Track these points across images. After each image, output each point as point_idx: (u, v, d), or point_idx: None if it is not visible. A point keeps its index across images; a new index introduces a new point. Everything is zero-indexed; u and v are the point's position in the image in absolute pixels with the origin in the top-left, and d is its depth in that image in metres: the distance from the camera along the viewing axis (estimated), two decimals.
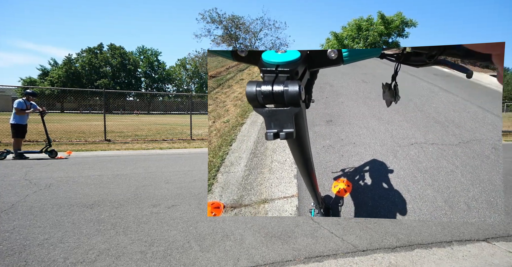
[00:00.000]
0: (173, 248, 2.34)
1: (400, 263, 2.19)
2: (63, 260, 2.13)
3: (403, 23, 24.15)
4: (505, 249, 2.44)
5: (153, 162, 6.25)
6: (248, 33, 33.87)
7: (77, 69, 54.17)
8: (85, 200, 3.51)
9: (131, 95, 55.63)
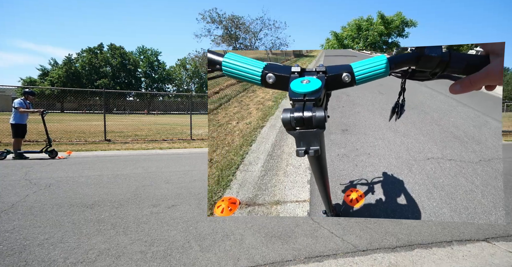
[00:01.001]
0: (173, 248, 2.34)
1: (400, 263, 2.19)
2: (63, 260, 2.13)
3: (403, 23, 24.15)
4: (505, 249, 2.44)
5: (153, 162, 6.25)
6: (248, 33, 33.88)
7: (77, 69, 54.19)
8: (85, 200, 3.51)
9: (131, 95, 55.63)
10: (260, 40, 35.06)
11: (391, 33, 24.64)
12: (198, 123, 16.29)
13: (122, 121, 20.74)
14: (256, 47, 34.28)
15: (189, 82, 67.56)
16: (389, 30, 24.18)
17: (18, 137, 6.44)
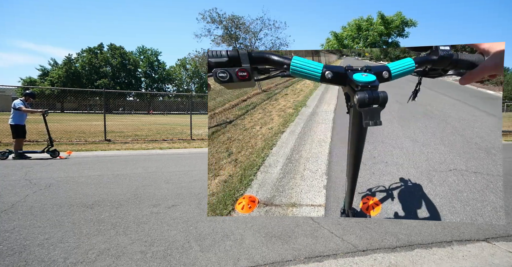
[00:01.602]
0: (173, 248, 2.34)
1: (400, 263, 2.19)
2: (63, 260, 2.13)
3: (403, 23, 24.15)
4: (505, 249, 2.44)
5: (153, 162, 6.25)
6: (248, 33, 33.86)
7: (77, 69, 54.19)
8: (85, 200, 3.51)
9: (131, 95, 55.62)
10: (260, 40, 35.04)
11: (391, 33, 24.63)
12: (198, 123, 16.29)
13: (122, 121, 20.74)
14: (256, 47, 34.28)
15: (189, 82, 67.57)
16: (389, 30, 24.17)
17: (18, 137, 6.45)
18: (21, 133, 6.50)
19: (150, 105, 51.66)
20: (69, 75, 52.60)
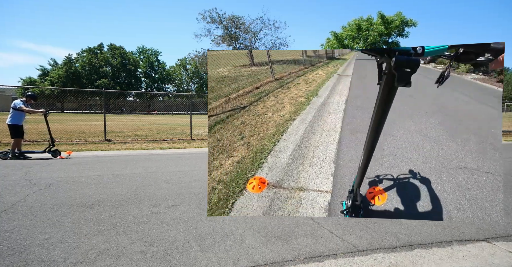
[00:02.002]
0: (173, 248, 2.34)
1: (400, 263, 2.19)
2: (63, 260, 2.13)
3: (403, 23, 24.12)
4: (505, 249, 2.44)
5: (153, 162, 6.25)
6: (248, 33, 33.87)
7: (77, 69, 54.18)
8: (85, 200, 3.51)
9: (131, 95, 55.62)
10: (260, 40, 35.08)
11: (391, 33, 24.61)
12: (198, 123, 16.29)
13: (122, 121, 20.74)
14: (256, 47, 34.28)
15: (189, 82, 67.54)
16: (389, 30, 24.14)
17: (16, 137, 6.42)
18: (19, 133, 6.48)
19: (150, 105, 51.65)
20: (69, 75, 52.58)
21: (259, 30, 34.08)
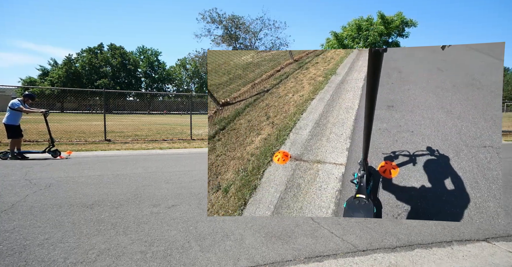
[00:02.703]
0: (173, 248, 2.34)
1: (400, 263, 2.19)
2: (63, 260, 2.13)
3: (403, 23, 24.11)
4: (505, 249, 2.44)
5: (153, 162, 6.25)
6: (248, 33, 33.88)
7: (77, 69, 54.17)
8: (85, 200, 3.51)
9: (131, 95, 55.61)
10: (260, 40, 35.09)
11: (391, 33, 24.60)
12: (198, 123, 16.29)
13: (122, 121, 20.74)
14: (256, 47, 34.28)
15: (189, 82, 67.54)
16: (389, 30, 24.12)
17: (13, 137, 6.34)
18: (16, 134, 6.40)
19: (150, 105, 51.65)
20: (69, 75, 52.58)
21: (259, 30, 34.09)
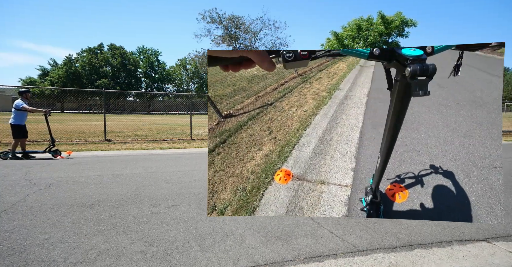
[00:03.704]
0: (173, 248, 2.34)
1: (400, 263, 2.19)
2: (63, 260, 2.13)
3: (403, 23, 24.13)
4: (505, 249, 2.44)
5: (153, 162, 6.25)
6: (248, 33, 33.90)
7: (77, 69, 54.15)
8: (85, 200, 3.51)
9: (131, 95, 55.61)
10: (260, 40, 35.11)
11: (391, 33, 24.62)
12: (198, 123, 16.29)
13: (122, 121, 20.73)
14: (256, 47, 34.29)
15: (189, 82, 67.53)
16: (389, 30, 24.16)
17: (18, 138, 6.45)
18: (22, 133, 6.51)
19: (150, 105, 51.64)
20: (69, 75, 52.56)
21: (259, 30, 34.11)
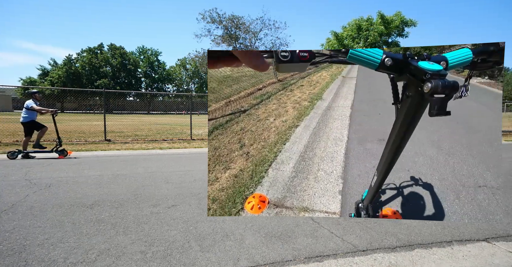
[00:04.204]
0: (173, 248, 2.34)
1: (400, 263, 2.19)
2: (63, 260, 2.13)
3: (403, 23, 24.14)
4: (505, 249, 2.44)
5: (153, 162, 6.25)
6: (248, 33, 33.89)
7: (77, 69, 54.13)
8: (85, 200, 3.51)
9: (131, 95, 55.60)
10: (260, 40, 35.10)
11: (391, 33, 24.63)
12: (198, 123, 16.29)
13: (122, 121, 20.73)
14: (256, 47, 34.29)
15: (189, 82, 67.52)
16: (389, 30, 24.16)
17: (29, 135, 6.78)
18: (33, 130, 6.83)
19: (150, 105, 51.63)
20: (69, 75, 52.53)
21: (259, 30, 34.11)
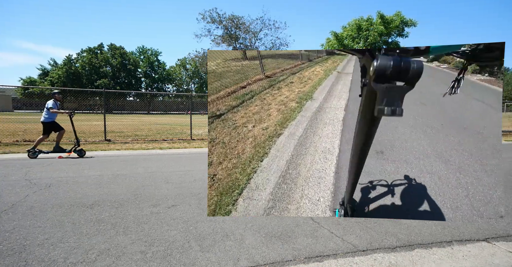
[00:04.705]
0: (173, 248, 2.34)
1: (400, 263, 2.19)
2: (63, 260, 2.13)
3: (402, 23, 24.14)
4: (505, 249, 2.44)
5: (153, 162, 6.25)
6: (248, 33, 33.90)
7: (77, 69, 54.13)
8: (85, 200, 3.51)
9: (131, 95, 55.60)
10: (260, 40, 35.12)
11: (391, 33, 24.64)
12: (198, 123, 16.29)
13: (122, 121, 20.72)
14: (256, 47, 34.30)
15: (189, 82, 67.52)
16: (389, 30, 24.17)
17: (46, 135, 7.14)
18: (52, 130, 7.24)
19: (150, 105, 51.63)
20: (69, 75, 52.52)
21: (259, 30, 34.12)
